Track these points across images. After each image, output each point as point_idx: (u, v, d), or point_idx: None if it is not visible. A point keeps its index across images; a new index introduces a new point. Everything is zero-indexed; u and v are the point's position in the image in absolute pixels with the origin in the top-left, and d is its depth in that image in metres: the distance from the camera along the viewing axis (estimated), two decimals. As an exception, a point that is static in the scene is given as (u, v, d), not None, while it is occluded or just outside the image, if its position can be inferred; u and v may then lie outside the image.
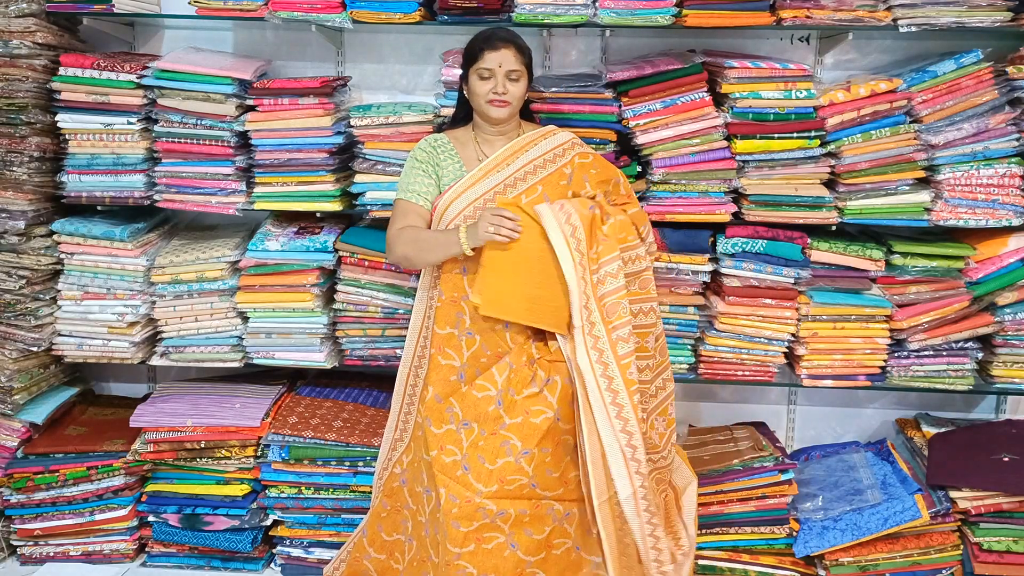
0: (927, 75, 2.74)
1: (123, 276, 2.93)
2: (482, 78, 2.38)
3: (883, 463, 3.01)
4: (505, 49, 2.36)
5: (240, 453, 2.93)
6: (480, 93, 2.39)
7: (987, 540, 2.73)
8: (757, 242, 2.78)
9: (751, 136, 2.74)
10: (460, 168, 2.45)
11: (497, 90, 2.37)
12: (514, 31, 2.45)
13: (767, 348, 2.87)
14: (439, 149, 2.47)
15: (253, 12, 2.81)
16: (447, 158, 2.46)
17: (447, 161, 2.46)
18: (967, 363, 2.86)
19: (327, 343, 2.99)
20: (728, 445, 2.96)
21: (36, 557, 3.03)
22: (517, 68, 2.38)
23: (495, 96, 2.37)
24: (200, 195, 2.91)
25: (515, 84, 2.38)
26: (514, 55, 2.37)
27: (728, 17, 2.70)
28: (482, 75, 2.38)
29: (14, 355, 2.95)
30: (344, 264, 2.93)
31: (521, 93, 2.41)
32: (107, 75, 2.82)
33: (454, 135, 2.52)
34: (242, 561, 2.99)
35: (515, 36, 2.42)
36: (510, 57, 2.36)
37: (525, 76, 2.41)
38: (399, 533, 2.60)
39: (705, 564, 2.84)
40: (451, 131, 2.55)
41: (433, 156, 2.46)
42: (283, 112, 2.83)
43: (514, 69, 2.37)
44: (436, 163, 2.45)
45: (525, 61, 2.40)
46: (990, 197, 2.75)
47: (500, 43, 2.37)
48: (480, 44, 2.39)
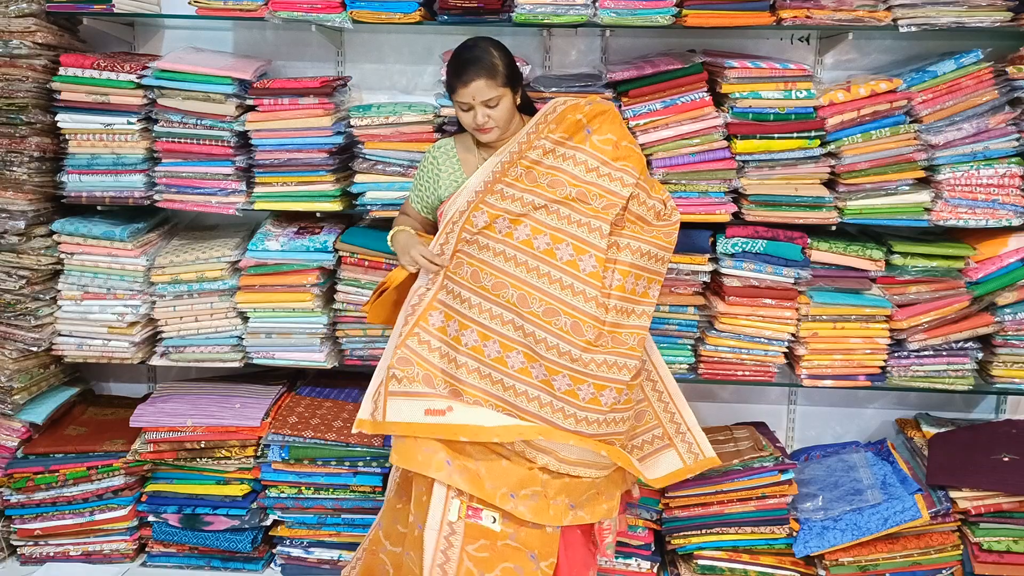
0: (927, 75, 2.74)
1: (123, 276, 2.93)
2: (462, 110, 2.38)
3: (883, 463, 3.01)
4: (476, 81, 2.30)
5: (240, 453, 2.93)
6: (465, 122, 2.40)
7: (987, 540, 2.73)
8: (757, 242, 2.78)
9: (751, 136, 2.74)
10: (460, 174, 2.47)
11: (478, 121, 2.35)
12: (485, 49, 2.34)
13: (767, 348, 2.87)
14: (441, 158, 2.50)
15: (253, 12, 2.81)
16: (448, 165, 2.49)
17: (447, 168, 2.48)
18: (967, 363, 2.86)
19: (327, 343, 2.99)
20: (728, 445, 2.95)
21: (36, 557, 3.03)
22: (492, 95, 2.32)
23: (478, 127, 2.37)
24: (200, 195, 2.91)
25: (495, 109, 2.35)
26: (485, 84, 2.31)
27: (728, 17, 2.70)
28: (462, 108, 2.37)
29: (14, 355, 2.95)
30: (344, 264, 2.93)
31: (504, 114, 2.36)
32: (107, 75, 2.82)
33: (461, 140, 2.54)
34: (242, 561, 2.99)
35: (483, 61, 2.31)
36: (482, 87, 2.31)
37: (507, 95, 2.35)
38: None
39: (705, 564, 2.84)
40: (459, 136, 2.56)
41: (435, 165, 2.50)
42: (283, 112, 2.83)
43: (489, 98, 2.32)
44: (437, 172, 2.49)
45: (502, 82, 2.33)
46: (990, 197, 2.75)
47: (470, 76, 2.30)
48: (451, 78, 2.35)
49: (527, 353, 2.29)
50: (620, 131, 2.41)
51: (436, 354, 2.34)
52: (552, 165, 2.36)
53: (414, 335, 2.34)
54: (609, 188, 2.34)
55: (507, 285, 2.30)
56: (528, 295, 2.28)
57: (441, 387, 2.33)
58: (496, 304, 2.30)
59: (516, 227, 2.33)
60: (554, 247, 2.31)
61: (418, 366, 2.32)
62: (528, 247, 2.31)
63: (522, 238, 2.32)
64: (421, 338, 2.34)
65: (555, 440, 2.30)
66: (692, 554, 2.86)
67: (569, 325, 2.26)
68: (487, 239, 2.33)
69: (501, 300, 2.30)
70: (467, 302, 2.32)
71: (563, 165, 2.36)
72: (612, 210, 2.33)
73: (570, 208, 2.33)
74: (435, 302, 2.36)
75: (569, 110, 2.38)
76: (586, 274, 2.29)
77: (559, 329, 2.27)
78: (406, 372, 2.30)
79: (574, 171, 2.35)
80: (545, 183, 2.34)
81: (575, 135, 2.37)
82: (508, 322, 2.30)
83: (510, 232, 2.33)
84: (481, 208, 2.33)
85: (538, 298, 2.28)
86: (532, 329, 2.28)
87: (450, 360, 2.33)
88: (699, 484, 2.78)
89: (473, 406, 2.30)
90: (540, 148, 2.36)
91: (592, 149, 2.36)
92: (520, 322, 2.29)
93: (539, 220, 2.33)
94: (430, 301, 2.35)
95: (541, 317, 2.27)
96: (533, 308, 2.28)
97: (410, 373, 2.31)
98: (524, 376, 2.30)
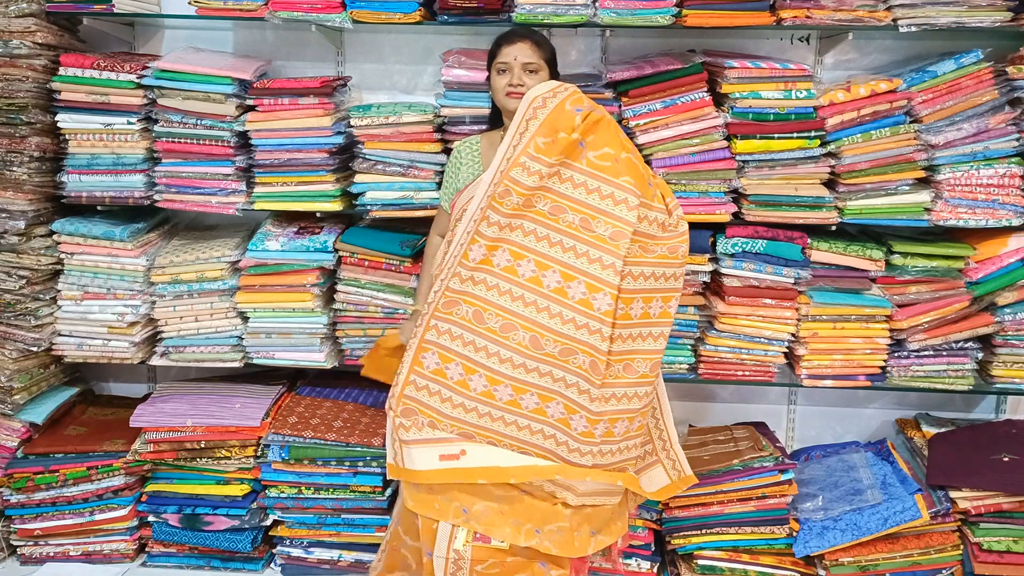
0: (927, 75, 2.74)
1: (123, 276, 2.94)
2: (500, 72, 2.41)
3: (883, 463, 3.01)
4: (520, 42, 2.39)
5: (240, 453, 2.93)
6: (498, 88, 2.42)
7: (987, 540, 2.73)
8: (757, 242, 2.78)
9: (751, 136, 2.75)
10: (479, 168, 2.47)
11: (512, 82, 2.38)
12: (537, 29, 2.48)
13: (767, 348, 2.87)
14: (464, 151, 2.53)
15: (253, 12, 2.81)
16: (469, 160, 2.50)
17: (468, 163, 2.50)
18: (967, 363, 2.86)
19: (327, 343, 2.99)
20: (728, 445, 2.95)
21: (36, 557, 3.03)
22: (533, 61, 2.39)
23: (511, 88, 2.39)
24: (200, 195, 2.91)
25: (532, 76, 2.38)
26: (530, 48, 2.39)
27: (728, 17, 2.70)
28: (500, 69, 2.41)
29: (14, 355, 2.95)
30: (344, 264, 2.93)
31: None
32: (107, 75, 2.82)
33: (488, 137, 2.55)
34: (242, 561, 2.99)
35: (534, 32, 2.45)
36: (526, 50, 2.38)
37: (544, 71, 2.41)
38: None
39: (705, 564, 2.84)
40: (487, 133, 2.58)
41: (458, 158, 2.53)
42: (283, 112, 2.83)
43: (530, 62, 2.38)
44: (459, 165, 2.51)
45: (544, 56, 2.41)
46: (990, 197, 2.75)
47: (516, 37, 2.41)
48: (498, 39, 2.44)
49: (541, 394, 2.16)
50: (617, 141, 2.20)
51: (436, 398, 2.20)
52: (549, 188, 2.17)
53: (410, 383, 2.22)
54: (614, 213, 2.15)
55: (516, 327, 2.14)
56: (540, 336, 2.13)
57: (450, 429, 2.22)
58: (505, 347, 2.15)
59: (519, 262, 2.16)
60: (565, 285, 2.14)
61: (421, 414, 2.21)
62: (536, 285, 2.14)
63: (528, 275, 2.15)
64: (418, 384, 2.21)
65: (572, 478, 2.21)
66: (692, 554, 2.86)
67: (588, 364, 2.13)
68: (487, 275, 2.17)
69: (511, 343, 2.14)
70: (471, 345, 2.16)
71: (560, 187, 2.17)
72: (622, 241, 2.14)
73: (575, 239, 2.15)
74: (424, 343, 2.20)
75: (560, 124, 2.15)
76: (601, 312, 2.12)
77: (577, 368, 2.13)
78: (412, 421, 2.22)
79: (573, 194, 2.17)
80: (546, 210, 2.16)
81: (571, 154, 2.17)
82: (520, 365, 2.15)
83: (512, 267, 2.16)
84: (478, 240, 2.17)
85: (551, 339, 2.13)
86: (548, 369, 2.14)
87: (455, 405, 2.19)
88: (699, 484, 2.77)
89: (487, 446, 2.21)
90: (536, 173, 2.14)
91: (590, 168, 2.17)
92: (534, 364, 2.15)
93: (543, 253, 2.16)
94: (419, 343, 2.23)
95: (557, 358, 2.13)
96: (548, 350, 2.13)
97: (416, 421, 2.21)
98: (539, 416, 2.18)
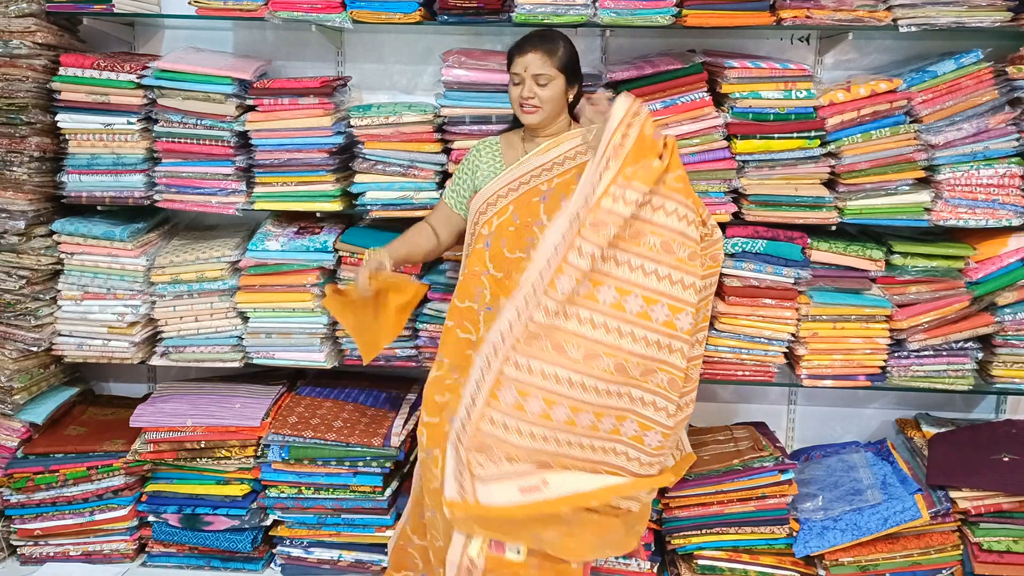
0: (927, 75, 2.74)
1: (123, 276, 2.94)
2: (514, 83, 2.40)
3: (883, 463, 3.01)
4: (532, 53, 2.36)
5: (240, 453, 2.93)
6: (512, 98, 2.42)
7: (987, 540, 2.73)
8: (757, 242, 2.78)
9: (751, 136, 2.75)
10: (500, 166, 2.48)
11: (523, 95, 2.37)
12: (554, 33, 2.44)
13: (767, 348, 2.87)
14: (484, 149, 2.53)
15: (253, 12, 2.81)
16: (489, 158, 2.51)
17: (488, 161, 2.50)
18: (967, 363, 2.86)
19: (327, 343, 2.99)
20: (728, 445, 2.96)
21: (36, 557, 3.03)
22: (544, 72, 2.35)
23: (523, 101, 2.38)
24: (200, 195, 2.91)
25: (544, 88, 2.36)
26: (541, 58, 2.35)
27: (728, 17, 2.70)
28: (514, 80, 2.40)
29: (14, 355, 2.95)
30: (344, 264, 2.93)
31: (553, 96, 2.37)
32: (107, 75, 2.82)
33: (507, 137, 2.56)
34: (242, 561, 2.99)
35: (545, 38, 2.40)
36: (537, 61, 2.35)
37: (559, 79, 2.38)
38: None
39: (705, 564, 2.84)
40: (507, 133, 2.59)
41: (475, 159, 2.53)
42: (283, 112, 2.83)
43: (541, 73, 2.35)
44: (476, 166, 2.52)
45: (557, 64, 2.37)
46: (990, 197, 2.75)
47: (528, 47, 2.37)
48: (512, 48, 2.41)
49: (618, 415, 2.17)
50: (680, 162, 2.18)
51: (515, 433, 2.16)
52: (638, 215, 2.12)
53: (486, 418, 2.17)
54: (687, 233, 2.13)
55: (600, 355, 2.12)
56: (626, 362, 2.13)
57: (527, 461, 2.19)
58: (588, 376, 2.13)
59: (598, 288, 2.11)
60: (648, 309, 2.11)
61: (498, 448, 2.18)
62: (619, 311, 2.11)
63: (610, 301, 2.11)
64: (494, 420, 2.17)
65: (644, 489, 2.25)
66: (692, 554, 2.86)
67: (667, 382, 2.15)
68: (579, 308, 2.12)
69: (595, 371, 2.13)
70: (552, 377, 2.13)
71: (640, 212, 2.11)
72: (697, 261, 2.15)
73: (656, 262, 2.11)
74: (501, 377, 2.15)
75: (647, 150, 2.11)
76: (684, 332, 2.13)
77: (656, 386, 2.15)
78: (488, 455, 2.17)
79: (653, 217, 2.12)
80: (626, 235, 2.11)
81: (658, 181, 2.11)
82: (603, 391, 2.14)
83: (592, 293, 2.12)
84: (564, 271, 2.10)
85: (636, 362, 2.13)
86: (627, 391, 2.15)
87: (535, 437, 2.17)
88: (699, 484, 2.78)
89: (562, 472, 2.20)
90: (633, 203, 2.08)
91: (668, 191, 2.13)
92: (615, 388, 2.14)
93: (623, 278, 2.12)
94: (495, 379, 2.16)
95: (639, 379, 2.14)
96: (633, 373, 2.14)
97: (493, 456, 2.18)
98: (614, 436, 2.19)
